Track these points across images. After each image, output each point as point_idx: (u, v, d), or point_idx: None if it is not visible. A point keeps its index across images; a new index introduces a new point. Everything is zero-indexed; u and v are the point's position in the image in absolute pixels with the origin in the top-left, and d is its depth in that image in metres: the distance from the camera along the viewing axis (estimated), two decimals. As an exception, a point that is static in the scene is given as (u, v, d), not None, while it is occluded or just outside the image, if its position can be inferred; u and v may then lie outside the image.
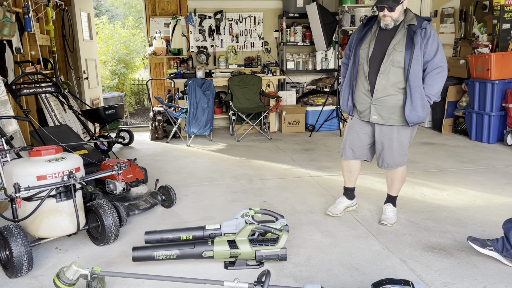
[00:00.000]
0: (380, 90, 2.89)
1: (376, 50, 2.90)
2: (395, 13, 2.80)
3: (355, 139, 3.15)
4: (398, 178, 3.14)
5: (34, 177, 2.52)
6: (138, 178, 3.52)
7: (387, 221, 3.12)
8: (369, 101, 2.96)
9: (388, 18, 2.83)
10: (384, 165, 3.09)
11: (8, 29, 4.28)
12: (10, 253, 2.43)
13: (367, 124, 3.08)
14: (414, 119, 2.86)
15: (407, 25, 2.84)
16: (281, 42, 7.25)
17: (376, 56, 2.90)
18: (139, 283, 2.41)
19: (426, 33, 2.80)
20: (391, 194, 3.23)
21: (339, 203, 3.37)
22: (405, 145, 3.03)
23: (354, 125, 3.15)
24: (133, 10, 15.23)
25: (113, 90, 11.09)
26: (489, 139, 5.61)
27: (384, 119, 2.95)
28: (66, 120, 5.23)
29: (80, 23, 6.60)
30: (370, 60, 2.92)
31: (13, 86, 3.94)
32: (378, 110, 2.94)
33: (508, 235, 2.53)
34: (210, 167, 4.82)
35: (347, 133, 3.21)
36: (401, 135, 2.98)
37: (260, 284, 2.05)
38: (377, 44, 2.91)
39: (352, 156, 3.20)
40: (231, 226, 2.73)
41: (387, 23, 2.85)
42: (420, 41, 2.78)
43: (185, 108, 5.98)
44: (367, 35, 2.98)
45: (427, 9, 7.51)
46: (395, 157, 3.02)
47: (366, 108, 3.00)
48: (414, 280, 2.05)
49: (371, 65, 2.92)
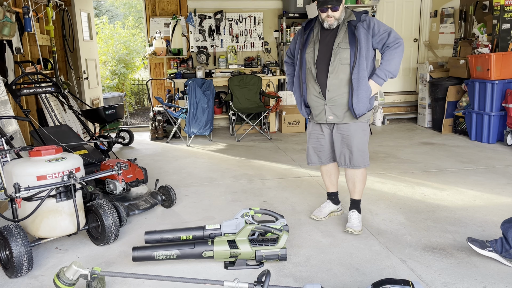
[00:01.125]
0: (333, 89, 2.88)
1: (322, 52, 2.90)
2: (338, 12, 2.81)
3: (317, 145, 3.14)
4: (359, 179, 3.08)
5: (34, 177, 2.52)
6: (138, 178, 3.52)
7: (352, 229, 3.00)
8: (322, 103, 2.94)
9: (331, 18, 2.82)
10: (346, 162, 3.03)
11: (8, 29, 4.28)
12: (10, 253, 2.43)
13: (324, 126, 3.06)
14: (361, 110, 2.87)
15: (346, 22, 2.85)
16: (281, 42, 7.25)
17: (322, 57, 2.89)
18: (139, 283, 2.41)
19: (369, 24, 2.82)
20: (354, 198, 3.15)
21: (324, 207, 3.33)
22: (364, 141, 3.01)
23: (313, 130, 3.14)
24: (133, 10, 15.23)
25: (113, 90, 11.09)
26: (489, 139, 5.61)
27: (340, 118, 2.94)
28: (66, 120, 5.23)
29: (80, 23, 6.60)
30: (317, 62, 2.91)
31: (13, 86, 3.94)
32: (332, 110, 2.93)
33: (507, 235, 2.53)
34: (210, 167, 4.82)
35: (308, 138, 3.19)
36: (358, 130, 2.97)
37: (260, 284, 2.05)
38: (321, 45, 2.90)
39: (318, 162, 3.19)
40: (231, 226, 2.73)
41: (330, 23, 2.84)
42: (364, 34, 2.80)
43: (185, 108, 5.99)
44: (309, 38, 2.96)
45: (427, 9, 7.52)
46: (355, 153, 2.98)
47: (320, 111, 2.97)
48: (414, 280, 2.05)
49: (318, 67, 2.91)
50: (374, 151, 5.38)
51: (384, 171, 4.51)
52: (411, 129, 6.87)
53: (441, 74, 6.64)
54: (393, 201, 3.66)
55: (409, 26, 7.64)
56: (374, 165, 4.72)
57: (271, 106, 6.58)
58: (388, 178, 4.29)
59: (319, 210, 3.32)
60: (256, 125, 6.56)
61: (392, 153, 5.28)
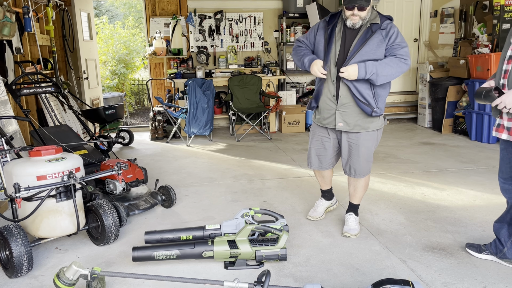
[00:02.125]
0: (344, 95, 2.75)
1: (341, 52, 2.73)
2: (364, 12, 2.64)
3: (320, 148, 3.02)
4: (361, 185, 3.01)
5: (34, 177, 2.52)
6: (138, 178, 3.52)
7: (349, 233, 2.96)
8: (334, 108, 2.80)
9: (356, 17, 2.64)
10: (351, 172, 2.94)
11: (8, 29, 4.28)
12: (10, 253, 2.43)
13: (331, 131, 2.93)
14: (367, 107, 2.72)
15: (369, 24, 2.68)
16: (281, 42, 7.25)
17: (341, 58, 2.72)
18: (139, 283, 2.41)
19: (388, 32, 2.65)
20: (353, 203, 3.08)
21: (318, 205, 3.29)
22: (371, 151, 2.92)
23: (317, 132, 3.01)
24: (133, 10, 15.23)
25: (113, 90, 11.09)
26: (489, 139, 5.61)
27: (350, 126, 2.80)
28: (66, 120, 5.23)
29: (80, 23, 6.60)
30: (337, 62, 2.74)
31: (13, 86, 3.94)
32: (343, 117, 2.79)
33: (499, 235, 2.55)
34: (210, 167, 4.82)
35: (311, 140, 3.06)
36: (368, 141, 2.85)
37: (260, 284, 2.05)
38: (342, 44, 2.73)
39: (318, 166, 3.08)
40: (231, 226, 2.73)
41: (355, 22, 2.66)
42: (380, 40, 2.64)
43: (185, 108, 5.99)
44: (333, 34, 2.76)
45: (427, 9, 7.52)
46: (362, 164, 2.90)
47: (331, 115, 2.84)
48: (414, 280, 2.05)
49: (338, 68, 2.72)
50: (374, 151, 5.37)
51: (384, 171, 4.51)
52: (411, 129, 6.87)
53: (441, 74, 6.64)
54: (393, 201, 3.66)
55: (409, 26, 7.64)
56: (374, 165, 4.70)
57: (271, 106, 6.58)
58: (388, 178, 4.29)
59: (313, 210, 3.29)
60: (256, 125, 6.56)
61: (392, 153, 5.28)
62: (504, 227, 2.52)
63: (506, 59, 2.33)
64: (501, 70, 2.35)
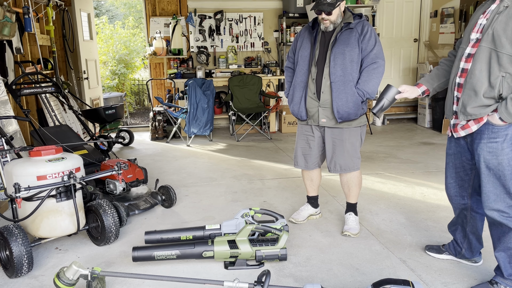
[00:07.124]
0: (326, 91, 2.85)
1: (320, 53, 2.88)
2: (332, 16, 2.78)
3: (306, 147, 3.09)
4: (354, 183, 3.04)
5: (34, 177, 2.52)
6: (138, 178, 3.52)
7: (350, 232, 2.99)
8: (316, 105, 2.90)
9: (326, 21, 2.81)
10: (336, 168, 2.98)
11: (8, 29, 4.28)
12: (10, 253, 2.44)
13: (315, 128, 3.01)
14: (343, 114, 2.80)
15: (343, 23, 2.82)
16: (281, 42, 7.25)
17: (321, 58, 2.87)
18: (139, 283, 2.41)
19: (363, 29, 2.79)
20: (350, 202, 3.12)
21: (302, 210, 3.30)
22: (357, 147, 2.96)
23: (303, 131, 3.09)
24: (133, 10, 15.23)
25: (113, 90, 11.09)
26: (489, 139, 5.60)
27: (332, 121, 2.89)
28: (66, 120, 5.23)
29: (80, 23, 6.60)
30: (317, 62, 2.89)
31: (13, 86, 3.94)
32: (325, 113, 2.88)
33: (455, 237, 2.58)
34: (210, 167, 4.82)
35: (297, 139, 3.14)
36: (351, 136, 2.92)
37: (260, 284, 2.06)
38: (320, 46, 2.89)
39: (304, 166, 3.13)
40: (231, 226, 2.73)
41: (326, 26, 2.83)
42: (356, 37, 2.77)
43: (185, 108, 5.99)
44: (317, 37, 2.93)
45: (427, 9, 7.52)
46: (347, 159, 2.94)
47: (314, 112, 2.93)
48: (414, 280, 2.06)
49: (318, 68, 2.88)
50: (374, 151, 5.39)
51: (384, 171, 4.51)
52: (411, 129, 6.87)
53: (441, 74, 6.63)
54: (393, 201, 3.66)
55: (409, 26, 7.63)
56: (374, 165, 4.73)
57: (271, 106, 6.58)
58: (388, 178, 4.29)
59: (297, 213, 3.29)
60: (256, 125, 6.56)
61: (392, 153, 5.29)
62: (458, 228, 2.54)
63: (464, 56, 2.15)
64: (458, 68, 2.20)
